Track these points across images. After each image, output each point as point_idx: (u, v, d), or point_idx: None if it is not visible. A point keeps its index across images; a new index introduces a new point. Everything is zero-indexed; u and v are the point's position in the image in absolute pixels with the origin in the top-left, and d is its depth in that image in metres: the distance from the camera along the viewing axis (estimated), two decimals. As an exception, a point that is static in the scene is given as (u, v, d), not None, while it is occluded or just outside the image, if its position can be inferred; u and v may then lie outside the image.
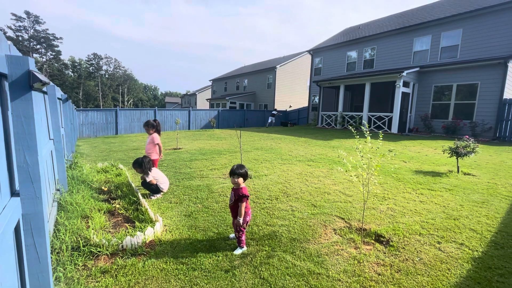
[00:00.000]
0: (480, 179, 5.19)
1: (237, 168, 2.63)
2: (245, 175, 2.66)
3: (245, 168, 2.69)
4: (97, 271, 2.28)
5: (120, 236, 2.71)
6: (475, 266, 2.40)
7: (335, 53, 19.69)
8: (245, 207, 2.62)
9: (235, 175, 2.61)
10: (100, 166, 5.97)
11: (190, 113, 19.09)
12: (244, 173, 2.64)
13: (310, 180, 5.09)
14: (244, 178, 2.66)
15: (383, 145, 9.22)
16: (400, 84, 12.90)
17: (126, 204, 3.73)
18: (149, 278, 2.23)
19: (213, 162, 6.69)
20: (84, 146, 10.53)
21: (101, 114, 15.59)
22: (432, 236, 2.95)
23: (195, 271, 2.32)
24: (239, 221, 2.58)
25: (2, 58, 1.31)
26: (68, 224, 2.86)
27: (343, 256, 2.57)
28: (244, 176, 2.66)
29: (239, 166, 2.67)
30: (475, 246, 2.74)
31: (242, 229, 2.63)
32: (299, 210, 3.66)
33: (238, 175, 2.60)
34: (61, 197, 3.51)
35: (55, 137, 3.90)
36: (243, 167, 2.68)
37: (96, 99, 60.34)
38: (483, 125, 11.67)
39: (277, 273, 2.30)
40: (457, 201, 4.02)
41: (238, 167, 2.64)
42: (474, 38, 12.70)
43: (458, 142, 5.66)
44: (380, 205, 3.84)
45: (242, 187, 2.64)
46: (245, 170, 2.66)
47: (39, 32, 46.72)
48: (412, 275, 2.29)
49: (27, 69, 1.38)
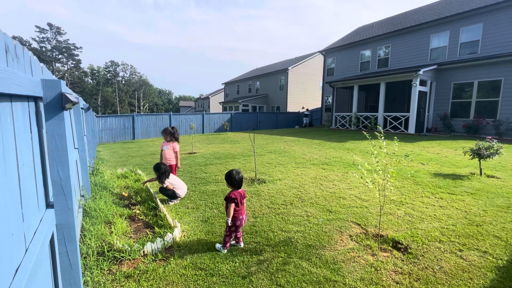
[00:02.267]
0: (505, 182, 4.97)
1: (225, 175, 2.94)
2: (226, 179, 2.91)
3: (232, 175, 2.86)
4: (121, 276, 2.40)
5: (142, 242, 2.83)
6: (500, 276, 2.32)
7: (348, 52, 19.40)
8: (238, 212, 2.82)
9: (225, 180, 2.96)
10: (120, 171, 6.22)
11: (204, 117, 19.42)
12: (227, 177, 2.89)
13: (325, 184, 5.06)
14: (227, 182, 2.91)
15: (400, 147, 8.99)
16: (416, 83, 12.53)
17: (146, 210, 3.88)
18: (170, 283, 2.32)
19: (228, 167, 6.79)
20: (104, 152, 10.97)
21: (119, 119, 16.17)
22: (453, 243, 2.87)
23: (213, 277, 2.39)
24: (227, 221, 2.79)
25: (38, 82, 1.44)
26: (93, 230, 3.02)
27: (359, 264, 2.56)
28: (227, 181, 2.90)
29: (227, 172, 2.92)
30: (500, 254, 2.64)
31: (229, 230, 2.81)
32: (314, 215, 3.66)
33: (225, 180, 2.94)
34: (86, 203, 3.70)
35: (79, 146, 4.12)
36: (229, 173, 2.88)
37: (113, 105, 62.57)
38: (508, 124, 11.11)
39: (293, 280, 2.33)
40: (480, 206, 3.87)
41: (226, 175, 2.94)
42: (495, 33, 12.13)
43: (480, 143, 5.44)
44: (397, 210, 3.77)
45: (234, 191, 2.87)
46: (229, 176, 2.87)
47: (61, 43, 49.14)
48: (432, 284, 2.25)
49: (59, 91, 1.51)
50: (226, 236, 2.82)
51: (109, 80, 63.34)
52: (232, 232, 2.84)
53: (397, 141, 2.91)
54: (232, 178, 2.86)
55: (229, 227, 2.80)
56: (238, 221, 2.82)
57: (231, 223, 2.78)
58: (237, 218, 2.82)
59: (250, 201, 4.26)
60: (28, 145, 1.32)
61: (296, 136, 14.05)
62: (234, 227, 2.82)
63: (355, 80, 15.98)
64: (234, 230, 2.84)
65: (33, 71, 1.50)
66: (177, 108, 76.57)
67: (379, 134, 2.95)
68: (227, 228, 2.82)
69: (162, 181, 4.22)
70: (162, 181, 4.22)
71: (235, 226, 2.82)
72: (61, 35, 48.88)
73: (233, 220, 2.80)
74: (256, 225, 3.42)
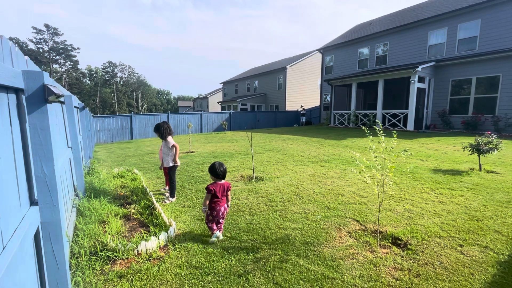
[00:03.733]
0: (504, 177, 4.92)
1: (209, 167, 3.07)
2: (210, 172, 3.04)
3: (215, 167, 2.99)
4: (114, 276, 2.34)
5: (135, 241, 2.76)
6: (501, 271, 2.26)
7: (346, 50, 19.35)
8: (216, 203, 2.95)
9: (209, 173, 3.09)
10: (116, 171, 6.15)
11: (202, 116, 19.34)
12: (209, 170, 3.05)
13: (323, 181, 5.01)
14: (212, 174, 3.03)
15: (399, 144, 8.96)
16: (415, 79, 12.49)
17: (141, 209, 3.81)
18: (164, 282, 2.26)
19: (226, 165, 6.72)
20: (101, 152, 10.88)
21: (117, 120, 16.08)
22: (453, 239, 2.81)
23: (208, 276, 2.33)
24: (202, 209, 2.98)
25: (19, 73, 1.37)
26: (86, 229, 2.96)
27: (358, 260, 2.50)
28: (211, 173, 3.03)
29: (211, 165, 3.06)
30: (501, 249, 2.59)
31: (207, 218, 2.99)
32: (312, 212, 3.61)
33: (209, 172, 3.07)
34: (80, 203, 3.63)
35: (73, 144, 4.05)
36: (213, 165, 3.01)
37: (112, 106, 62.38)
38: (507, 119, 11.08)
39: (290, 278, 2.27)
40: (480, 201, 3.82)
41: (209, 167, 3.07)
42: (493, 29, 12.10)
43: (480, 139, 5.40)
44: (396, 206, 3.71)
45: (214, 182, 3.01)
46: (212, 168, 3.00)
47: (58, 44, 48.90)
48: (432, 280, 2.19)
49: (42, 83, 1.44)
50: (208, 222, 3.00)
51: (107, 81, 63.13)
52: (211, 220, 2.98)
53: (395, 134, 2.86)
54: (215, 170, 2.99)
55: (207, 215, 2.98)
56: (215, 211, 2.95)
57: (208, 212, 2.96)
58: (214, 208, 2.95)
59: (248, 199, 4.20)
60: (7, 139, 1.25)
61: (295, 134, 13.99)
62: (211, 216, 2.96)
63: (353, 78, 15.93)
64: (211, 219, 2.97)
65: (13, 62, 1.43)
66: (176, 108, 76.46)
67: (377, 129, 2.90)
68: (206, 216, 3.02)
69: (165, 137, 4.26)
70: (165, 137, 4.26)
71: (212, 216, 2.96)
72: (58, 36, 48.64)
73: (211, 210, 2.96)
74: (253, 222, 3.36)
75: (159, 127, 4.35)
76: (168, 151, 4.31)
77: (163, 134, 4.33)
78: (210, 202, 2.96)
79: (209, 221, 2.99)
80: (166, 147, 4.35)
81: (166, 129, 4.35)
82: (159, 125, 4.37)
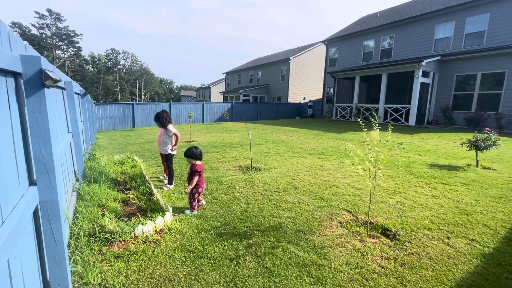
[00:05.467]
0: (500, 174, 4.95)
1: (186, 151, 3.39)
2: (190, 155, 3.36)
3: (192, 150, 3.36)
4: (111, 256, 2.45)
5: (133, 224, 2.86)
6: (484, 262, 2.34)
7: (351, 43, 19.06)
8: (200, 181, 3.38)
9: (185, 157, 3.40)
10: (117, 158, 6.25)
11: (204, 106, 19.33)
12: (189, 154, 3.36)
13: (320, 173, 5.07)
14: (191, 157, 3.36)
15: (399, 138, 8.96)
16: (419, 74, 12.35)
17: (140, 195, 3.91)
18: (158, 264, 2.36)
19: (224, 155, 6.80)
20: (102, 139, 11.00)
21: (119, 108, 16.13)
22: (442, 231, 2.89)
23: (201, 259, 2.43)
24: (188, 188, 3.32)
25: (17, 58, 1.42)
26: (86, 212, 3.06)
27: (347, 249, 2.59)
28: (190, 156, 3.36)
29: (187, 149, 3.38)
30: (487, 242, 2.66)
31: (193, 196, 3.35)
32: (306, 202, 3.68)
33: (186, 157, 3.38)
34: (80, 187, 3.74)
35: (74, 130, 4.12)
36: (190, 149, 3.37)
37: (114, 93, 62.30)
38: (510, 117, 10.99)
39: (280, 263, 2.36)
40: (473, 196, 3.88)
41: (186, 151, 3.39)
42: (502, 23, 11.83)
43: (478, 135, 5.40)
44: (389, 199, 3.78)
45: (196, 164, 3.37)
46: (190, 152, 3.36)
47: (61, 29, 48.47)
48: (416, 269, 2.27)
49: (39, 68, 1.49)
50: (192, 201, 3.36)
51: (110, 69, 62.81)
52: (195, 198, 3.37)
53: (391, 128, 2.89)
54: (193, 153, 3.37)
55: (193, 194, 3.35)
56: (200, 188, 3.39)
57: (194, 190, 3.34)
58: (200, 186, 3.39)
59: (244, 188, 4.28)
60: (6, 121, 1.31)
61: (296, 126, 14.00)
62: (197, 193, 3.38)
63: (356, 71, 15.76)
64: (196, 197, 3.38)
65: (12, 47, 1.47)
66: (179, 98, 76.24)
67: (374, 122, 2.93)
68: (190, 196, 3.35)
69: (165, 125, 4.40)
70: (165, 125, 4.40)
71: (198, 193, 3.38)
72: (61, 21, 48.17)
73: (196, 188, 3.35)
74: (248, 210, 3.44)
75: (159, 116, 4.43)
76: (167, 139, 4.39)
77: (163, 122, 4.41)
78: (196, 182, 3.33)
79: (194, 200, 3.37)
80: (166, 135, 4.43)
81: (165, 118, 4.41)
82: (159, 114, 4.44)
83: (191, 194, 3.36)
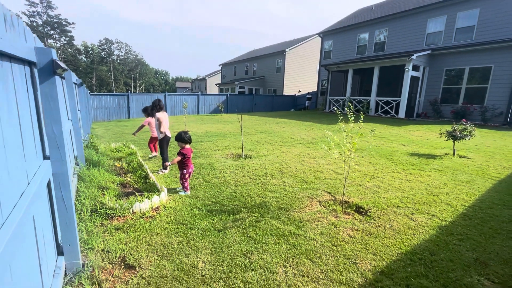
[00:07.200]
0: (473, 162, 5.34)
1: (176, 135, 3.74)
2: (180, 139, 3.70)
3: (182, 135, 3.69)
4: (112, 228, 2.74)
5: (131, 202, 3.16)
6: (439, 232, 2.70)
7: (345, 35, 19.21)
8: (188, 162, 3.69)
9: (176, 141, 3.76)
10: (114, 146, 6.48)
11: (199, 98, 19.45)
12: (178, 138, 3.71)
13: (306, 160, 5.40)
14: (180, 141, 3.70)
15: (387, 130, 9.34)
16: (409, 68, 12.66)
17: (137, 178, 4.19)
18: (154, 234, 2.67)
19: (217, 144, 7.08)
20: (98, 129, 11.15)
21: (114, 98, 16.18)
22: (408, 209, 3.24)
23: (193, 230, 2.74)
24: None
25: (32, 49, 1.67)
26: (87, 192, 3.34)
27: (322, 223, 2.92)
28: (180, 140, 3.70)
29: (177, 134, 3.73)
30: (445, 217, 3.03)
31: (184, 177, 3.68)
32: (291, 185, 4.01)
33: (177, 140, 3.74)
34: (80, 170, 4.00)
35: (73, 117, 4.35)
36: (179, 134, 3.70)
37: (109, 84, 61.55)
38: (494, 110, 11.43)
39: (262, 233, 2.69)
40: (443, 180, 4.25)
41: (176, 135, 3.74)
42: (491, 19, 12.13)
43: (456, 126, 5.77)
44: (367, 183, 4.13)
45: (184, 147, 3.70)
46: (180, 136, 3.69)
47: (52, 18, 47.40)
48: (379, 238, 2.62)
49: (51, 57, 1.74)
50: (184, 182, 3.70)
51: (104, 59, 61.84)
52: (186, 179, 3.70)
53: (361, 120, 3.20)
54: (183, 137, 3.69)
55: (184, 175, 3.68)
56: (190, 169, 3.73)
57: (185, 171, 3.67)
58: (189, 166, 3.72)
59: (234, 173, 4.59)
60: (26, 102, 1.57)
61: (289, 118, 14.29)
62: (188, 174, 3.71)
63: (349, 64, 16.00)
64: (187, 178, 3.71)
65: (27, 39, 1.72)
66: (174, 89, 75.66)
67: (349, 112, 3.23)
68: (181, 177, 3.71)
69: (153, 114, 4.83)
70: (153, 114, 4.83)
71: (188, 173, 3.71)
72: (52, 9, 47.07)
73: (186, 169, 3.68)
74: (237, 191, 3.76)
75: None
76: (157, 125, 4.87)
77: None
78: (184, 164, 3.66)
79: (185, 180, 3.70)
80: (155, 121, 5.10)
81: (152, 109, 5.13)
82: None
83: (182, 175, 3.71)
